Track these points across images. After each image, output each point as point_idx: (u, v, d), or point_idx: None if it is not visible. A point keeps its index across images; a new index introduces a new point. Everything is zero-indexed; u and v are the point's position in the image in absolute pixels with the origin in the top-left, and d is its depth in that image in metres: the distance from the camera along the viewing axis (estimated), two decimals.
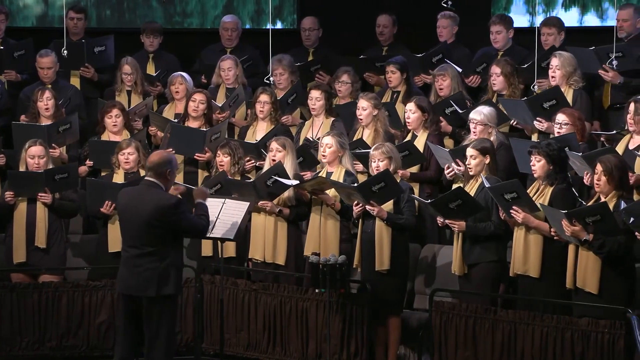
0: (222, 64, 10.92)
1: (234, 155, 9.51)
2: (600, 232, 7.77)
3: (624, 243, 7.75)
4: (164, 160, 7.78)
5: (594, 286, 7.83)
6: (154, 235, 7.64)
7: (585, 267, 7.86)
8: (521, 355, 8.11)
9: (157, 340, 7.65)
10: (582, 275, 7.89)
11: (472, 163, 8.57)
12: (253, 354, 9.19)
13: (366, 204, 8.68)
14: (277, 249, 9.21)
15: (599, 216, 7.74)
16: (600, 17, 11.36)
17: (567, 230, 7.84)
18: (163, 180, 7.75)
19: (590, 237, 7.79)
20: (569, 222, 7.81)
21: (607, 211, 7.75)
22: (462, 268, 8.51)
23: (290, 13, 12.65)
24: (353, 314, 8.77)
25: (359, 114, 9.83)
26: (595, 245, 7.78)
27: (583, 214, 7.79)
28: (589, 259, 7.85)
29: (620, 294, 7.83)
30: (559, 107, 9.20)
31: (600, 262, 7.81)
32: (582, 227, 7.79)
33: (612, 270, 7.82)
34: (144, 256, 7.65)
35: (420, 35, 11.76)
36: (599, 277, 7.82)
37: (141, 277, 7.65)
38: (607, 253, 7.77)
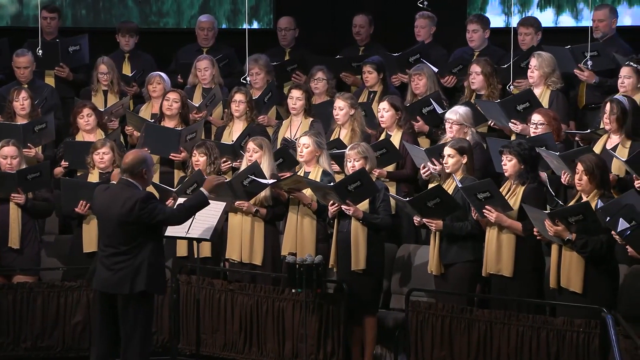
0: (199, 64, 10.90)
1: (210, 155, 9.50)
2: (583, 232, 7.79)
3: (607, 242, 7.78)
4: (138, 160, 7.74)
5: (578, 285, 7.85)
6: (129, 234, 7.61)
7: (569, 267, 7.88)
8: (497, 354, 8.13)
9: (133, 340, 7.61)
10: (566, 274, 7.90)
11: (450, 162, 8.59)
12: (229, 354, 9.17)
13: (342, 203, 8.68)
14: (254, 249, 9.19)
15: (581, 216, 7.76)
16: (575, 17, 11.40)
17: (550, 230, 7.85)
18: (139, 180, 7.72)
19: (573, 236, 7.81)
20: (551, 222, 7.83)
21: (590, 210, 7.77)
22: (438, 268, 8.52)
23: (267, 13, 12.64)
24: (329, 314, 8.77)
25: (336, 114, 9.83)
26: (578, 245, 7.80)
27: (566, 214, 7.81)
28: (572, 259, 7.87)
29: (605, 293, 7.85)
30: (532, 109, 9.23)
31: (584, 262, 7.83)
32: (565, 227, 7.81)
33: (596, 270, 7.84)
34: (120, 255, 7.63)
35: (396, 35, 11.78)
36: (583, 277, 7.84)
37: (117, 275, 7.62)
38: (590, 252, 7.79)
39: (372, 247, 8.71)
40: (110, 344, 7.76)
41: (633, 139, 8.75)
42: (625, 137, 8.76)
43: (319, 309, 8.78)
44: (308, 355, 8.77)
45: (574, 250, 7.83)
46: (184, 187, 9.30)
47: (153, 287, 7.74)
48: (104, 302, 7.77)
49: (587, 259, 7.82)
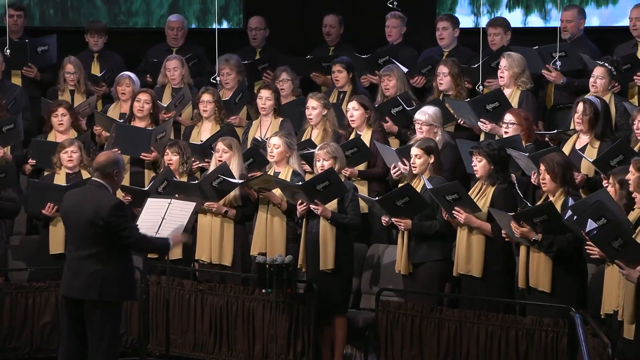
0: (168, 64, 10.87)
1: (183, 154, 9.48)
2: (548, 232, 7.83)
3: (573, 241, 7.82)
4: (110, 161, 7.67)
5: (546, 285, 7.89)
6: (98, 237, 7.53)
7: (538, 267, 7.92)
8: (466, 354, 8.16)
9: (100, 344, 7.51)
10: (534, 274, 7.94)
11: (417, 162, 8.61)
12: (199, 354, 9.15)
13: (310, 203, 8.68)
14: (224, 250, 9.17)
15: (545, 216, 7.80)
16: (544, 18, 11.46)
17: (516, 231, 7.89)
18: (110, 181, 7.65)
19: (539, 237, 7.85)
20: (517, 223, 7.87)
21: (554, 210, 7.81)
22: (407, 267, 8.54)
23: (237, 13, 12.62)
24: (299, 314, 8.77)
25: (309, 113, 9.83)
26: (545, 245, 7.84)
27: (530, 215, 7.85)
28: (540, 259, 7.91)
29: (573, 291, 7.90)
30: (501, 109, 9.27)
31: (552, 261, 7.88)
32: (531, 228, 7.85)
33: (564, 269, 7.89)
34: (88, 258, 7.52)
35: (367, 35, 11.80)
36: (551, 276, 7.88)
37: (85, 280, 7.52)
38: (557, 252, 7.83)
39: (341, 247, 8.72)
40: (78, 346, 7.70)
41: (602, 139, 8.81)
42: (595, 138, 8.82)
43: (289, 309, 8.78)
44: (278, 355, 8.77)
45: (541, 250, 7.88)
46: (154, 186, 9.28)
47: (124, 295, 7.68)
48: (71, 306, 7.67)
49: (554, 259, 7.86)
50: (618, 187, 7.71)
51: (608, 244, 7.08)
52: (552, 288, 7.87)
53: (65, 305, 7.72)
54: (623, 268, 7.07)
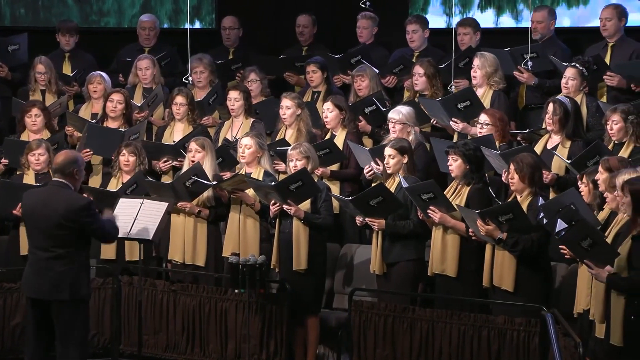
0: (139, 64, 10.84)
1: (139, 155, 9.46)
2: (513, 231, 7.86)
3: (538, 240, 7.86)
4: (69, 160, 7.62)
5: (509, 284, 7.92)
6: (65, 237, 7.48)
7: (502, 266, 7.96)
8: (439, 353, 8.18)
9: (71, 344, 7.49)
10: (498, 273, 7.98)
11: (390, 162, 8.63)
12: (171, 355, 9.13)
13: (283, 203, 8.68)
14: (197, 250, 9.16)
15: (511, 215, 7.83)
16: (515, 18, 11.50)
17: (481, 229, 7.92)
18: (71, 180, 7.60)
19: (504, 236, 7.88)
20: (482, 221, 7.90)
21: (519, 209, 7.85)
22: (381, 267, 8.55)
23: (209, 13, 12.60)
24: (272, 314, 8.76)
25: (283, 113, 9.83)
26: (509, 244, 7.88)
27: (496, 213, 7.88)
28: (504, 258, 7.94)
29: (536, 291, 7.93)
30: (473, 108, 9.30)
31: (516, 261, 7.91)
32: (496, 226, 7.88)
33: (528, 269, 7.92)
34: (55, 259, 7.47)
35: (339, 35, 11.80)
36: (514, 276, 7.91)
37: (52, 281, 7.47)
38: (521, 251, 7.87)
39: (313, 247, 8.72)
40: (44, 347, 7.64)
41: (573, 139, 8.86)
42: (566, 138, 8.87)
43: (261, 309, 8.77)
44: (250, 355, 8.76)
45: (505, 249, 7.91)
46: (124, 188, 9.24)
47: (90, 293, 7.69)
48: (36, 307, 7.61)
49: (518, 258, 7.89)
50: (592, 187, 7.76)
51: (577, 244, 7.12)
52: (515, 287, 7.91)
53: (31, 306, 7.66)
54: (592, 268, 7.11)
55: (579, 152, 8.64)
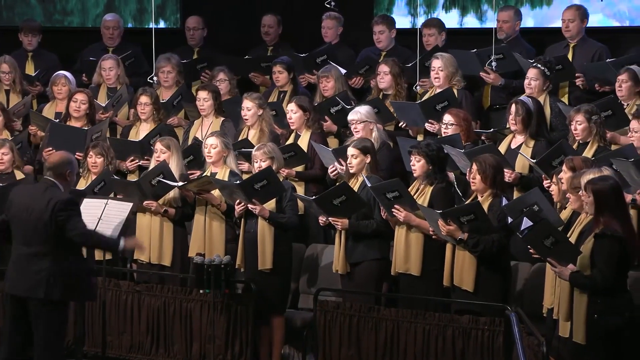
0: (103, 64, 10.81)
1: (107, 155, 9.42)
2: (474, 231, 7.89)
3: (498, 241, 7.89)
4: (64, 161, 7.63)
5: (469, 284, 7.95)
6: (47, 234, 7.42)
7: (462, 266, 7.98)
8: (404, 352, 8.19)
9: (46, 344, 7.44)
10: (458, 273, 8.00)
11: (353, 162, 8.64)
12: (136, 355, 9.09)
13: (248, 202, 8.66)
14: (163, 250, 9.13)
15: (472, 215, 7.86)
16: (480, 19, 11.54)
17: (442, 229, 7.94)
18: (62, 181, 7.60)
19: (465, 236, 7.91)
20: (444, 221, 7.92)
21: (480, 210, 7.87)
22: (344, 266, 8.56)
23: (174, 12, 12.56)
24: (237, 314, 8.75)
25: (244, 114, 9.82)
26: (470, 244, 7.90)
27: (457, 214, 7.90)
28: (465, 258, 7.97)
29: (496, 291, 7.95)
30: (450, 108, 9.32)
31: (476, 261, 7.93)
32: (457, 227, 7.90)
33: (488, 269, 7.95)
34: (37, 256, 7.43)
35: (304, 35, 11.81)
36: (474, 276, 7.94)
37: (31, 278, 7.42)
38: (482, 251, 7.89)
39: (279, 246, 8.71)
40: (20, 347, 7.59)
41: (536, 139, 8.91)
42: (530, 137, 8.92)
43: (227, 309, 8.75)
44: (216, 356, 8.75)
45: (466, 249, 7.94)
46: (91, 186, 9.20)
47: (71, 295, 7.57)
48: (15, 304, 7.56)
49: (478, 258, 7.92)
50: (562, 186, 7.80)
51: (540, 243, 7.16)
52: (475, 287, 7.94)
53: (10, 303, 7.61)
54: (555, 266, 7.15)
55: (542, 151, 8.69)
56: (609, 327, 6.93)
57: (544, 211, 7.71)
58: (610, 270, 6.89)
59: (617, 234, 6.88)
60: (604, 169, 7.35)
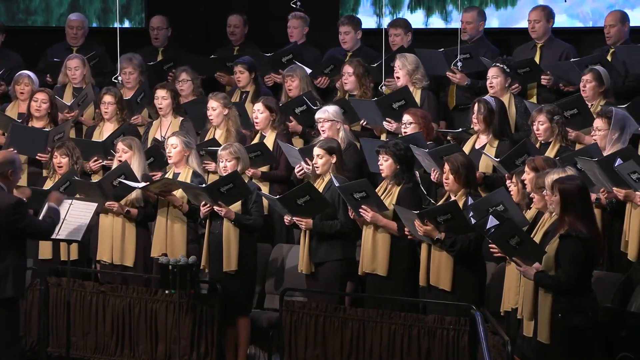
0: (69, 63, 10.75)
1: (72, 155, 9.37)
2: (451, 231, 7.91)
3: (474, 240, 7.91)
4: (5, 160, 7.61)
5: (446, 284, 7.97)
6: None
7: (439, 265, 7.99)
8: (370, 352, 8.20)
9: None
10: (435, 273, 8.01)
11: (319, 162, 8.64)
12: (101, 356, 9.06)
13: (214, 204, 8.64)
14: (125, 251, 9.10)
15: (449, 215, 7.88)
16: (445, 19, 11.58)
17: (419, 230, 7.95)
18: (5, 181, 7.57)
19: (442, 236, 7.93)
20: (421, 221, 7.93)
21: (457, 210, 7.89)
22: (309, 266, 8.57)
23: (139, 12, 12.51)
24: (203, 315, 8.73)
25: (209, 114, 9.79)
26: (447, 244, 7.92)
27: (434, 214, 7.92)
28: (441, 257, 7.98)
29: (472, 290, 7.98)
30: (407, 107, 9.34)
31: (452, 260, 7.95)
32: (434, 227, 7.92)
33: (464, 268, 7.97)
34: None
35: (270, 35, 11.80)
36: (451, 275, 7.96)
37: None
38: (459, 251, 7.91)
39: (244, 248, 8.70)
40: None
41: (500, 138, 8.95)
42: (493, 137, 8.95)
43: (192, 309, 8.73)
44: (181, 356, 8.72)
45: (443, 249, 7.95)
46: (56, 186, 9.15)
47: (20, 292, 7.58)
48: None
49: (455, 258, 7.95)
50: (521, 187, 7.84)
51: (505, 242, 7.19)
52: (452, 286, 7.96)
53: None
54: (520, 265, 7.18)
55: (506, 151, 8.73)
56: (573, 327, 6.96)
57: (509, 211, 7.75)
58: (574, 271, 6.93)
59: (582, 235, 6.92)
60: (568, 169, 7.39)
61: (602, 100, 9.17)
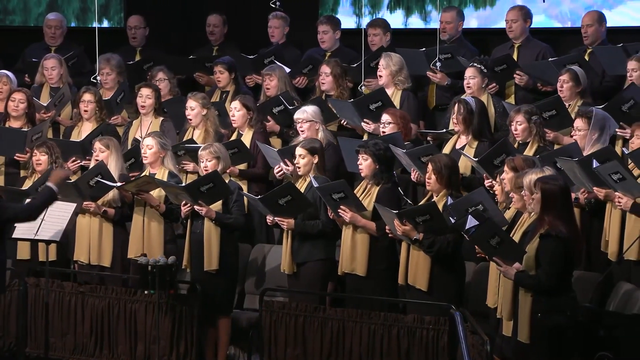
0: (46, 63, 10.71)
1: (52, 154, 9.34)
2: (430, 231, 7.93)
3: (453, 241, 7.93)
4: None
5: (423, 283, 7.98)
6: None
7: (417, 265, 8.00)
8: (349, 352, 8.21)
9: None
10: (413, 272, 8.03)
11: (301, 162, 8.64)
12: (79, 357, 9.02)
13: (194, 203, 8.63)
14: (103, 251, 9.07)
15: (428, 215, 7.89)
16: (424, 19, 11.60)
17: (398, 229, 7.96)
18: None
19: (421, 236, 7.94)
20: (399, 221, 7.94)
21: (436, 210, 7.90)
22: (291, 266, 8.57)
23: (117, 12, 12.48)
24: (183, 315, 8.71)
25: (188, 114, 9.78)
26: (426, 244, 7.93)
27: (413, 214, 7.93)
28: (419, 257, 8.00)
29: (450, 291, 8.00)
30: (384, 108, 9.35)
31: (430, 260, 7.97)
32: (413, 227, 7.93)
33: (442, 268, 7.98)
34: None
35: (250, 35, 11.79)
36: (428, 275, 7.97)
37: None
38: (437, 252, 7.92)
39: (225, 247, 8.69)
40: None
41: (479, 139, 8.97)
42: (473, 138, 8.97)
43: (171, 310, 8.71)
44: (160, 356, 8.70)
45: (421, 249, 7.97)
46: (35, 186, 9.11)
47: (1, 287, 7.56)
48: None
49: (433, 258, 7.96)
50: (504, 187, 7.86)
51: (486, 242, 7.21)
52: (430, 287, 7.97)
53: None
54: (501, 265, 7.20)
55: (485, 152, 8.74)
56: (552, 326, 6.98)
57: (488, 210, 7.77)
58: (554, 270, 6.96)
59: (562, 235, 6.94)
60: (546, 169, 7.41)
61: (579, 101, 9.21)
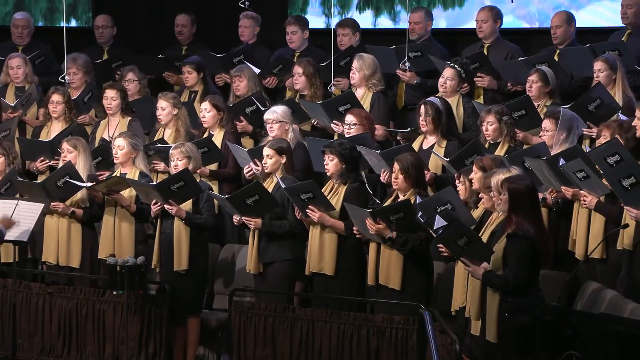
0: (10, 62, 10.67)
1: (9, 155, 9.29)
2: (402, 230, 7.94)
3: (425, 239, 7.95)
4: None
5: (396, 282, 7.99)
6: None
7: (388, 264, 8.01)
8: (319, 352, 8.22)
9: None
10: (384, 272, 8.03)
11: (269, 162, 8.64)
12: (47, 358, 8.98)
13: (164, 203, 8.61)
14: (71, 252, 9.03)
15: (402, 214, 7.91)
16: (393, 19, 11.63)
17: (371, 228, 7.96)
18: None
19: (394, 235, 7.95)
20: (373, 220, 7.95)
21: (410, 209, 7.92)
22: (257, 266, 8.56)
23: (85, 11, 12.43)
24: (151, 315, 8.69)
25: (159, 114, 9.77)
26: (399, 243, 7.95)
27: (387, 212, 7.94)
28: (391, 256, 8.01)
29: (421, 289, 8.02)
30: None
31: (402, 259, 7.98)
32: (386, 225, 7.94)
33: (414, 267, 8.00)
34: None
35: (220, 34, 11.77)
36: (401, 274, 7.99)
37: None
38: (410, 250, 7.94)
39: (195, 247, 8.67)
40: None
41: (448, 138, 9.00)
42: (441, 137, 9.00)
43: (140, 310, 8.69)
44: (129, 357, 8.67)
45: (394, 248, 7.98)
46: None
47: None
48: None
49: (405, 257, 7.98)
50: (468, 185, 7.89)
51: (453, 242, 7.23)
52: (402, 286, 7.99)
53: None
54: (468, 265, 7.23)
55: (455, 151, 8.78)
56: (520, 326, 7.01)
57: (457, 210, 7.79)
58: (521, 270, 6.99)
59: (529, 234, 6.98)
60: (513, 169, 7.44)
61: (548, 101, 9.26)
